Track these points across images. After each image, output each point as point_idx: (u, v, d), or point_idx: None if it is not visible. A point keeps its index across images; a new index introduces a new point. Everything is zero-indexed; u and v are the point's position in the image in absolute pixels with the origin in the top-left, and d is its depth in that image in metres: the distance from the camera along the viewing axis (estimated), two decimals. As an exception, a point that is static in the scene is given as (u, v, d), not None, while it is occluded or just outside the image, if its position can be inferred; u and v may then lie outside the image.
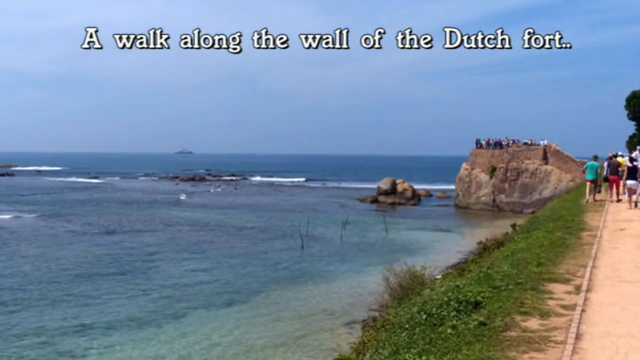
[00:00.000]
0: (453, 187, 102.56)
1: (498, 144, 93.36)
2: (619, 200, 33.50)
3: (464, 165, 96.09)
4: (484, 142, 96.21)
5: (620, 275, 14.85)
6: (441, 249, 55.30)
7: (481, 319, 11.13)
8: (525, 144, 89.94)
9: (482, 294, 12.92)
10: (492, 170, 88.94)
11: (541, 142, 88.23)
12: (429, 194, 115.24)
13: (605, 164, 35.59)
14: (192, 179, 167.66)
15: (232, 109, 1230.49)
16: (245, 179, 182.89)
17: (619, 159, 36.40)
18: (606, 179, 35.13)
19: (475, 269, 18.72)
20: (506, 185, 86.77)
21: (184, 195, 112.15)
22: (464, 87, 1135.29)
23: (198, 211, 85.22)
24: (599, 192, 36.00)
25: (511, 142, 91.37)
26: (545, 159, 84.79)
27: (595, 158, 35.87)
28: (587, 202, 33.45)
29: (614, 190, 34.28)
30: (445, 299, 13.30)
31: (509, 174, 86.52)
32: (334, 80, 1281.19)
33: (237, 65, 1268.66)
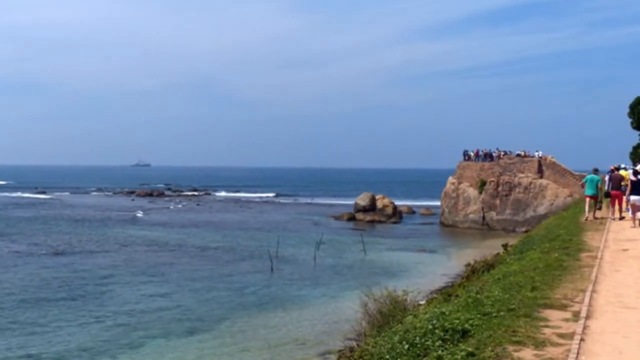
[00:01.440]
0: (438, 203, 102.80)
1: (488, 156, 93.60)
2: (621, 218, 33.09)
3: (451, 179, 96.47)
4: (472, 154, 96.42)
5: (623, 300, 14.81)
6: (425, 271, 55.28)
7: (469, 349, 10.99)
8: (518, 155, 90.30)
9: (470, 322, 12.81)
10: (482, 185, 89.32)
11: (536, 154, 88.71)
12: (411, 211, 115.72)
13: (607, 178, 35.29)
14: (150, 195, 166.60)
15: (194, 117, 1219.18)
16: (209, 194, 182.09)
17: (622, 172, 35.80)
18: (607, 195, 34.80)
19: (462, 293, 18.64)
20: (497, 201, 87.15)
21: (141, 212, 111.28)
22: (451, 91, 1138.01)
23: (156, 230, 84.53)
24: (600, 208, 35.75)
25: (502, 153, 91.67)
26: (540, 172, 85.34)
27: (596, 171, 35.63)
28: (586, 219, 33.20)
29: (616, 206, 33.87)
30: (430, 327, 13.16)
31: (500, 189, 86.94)
32: (305, 85, 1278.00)
33: (199, 69, 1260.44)
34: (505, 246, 31.55)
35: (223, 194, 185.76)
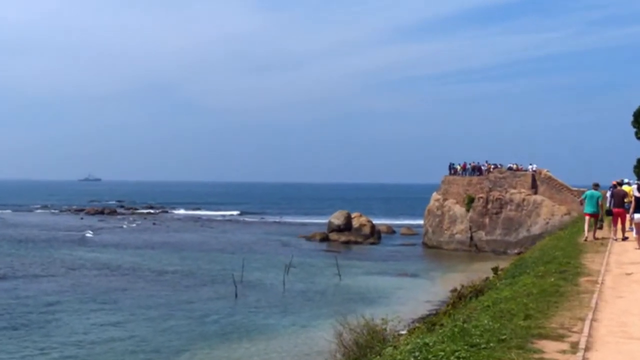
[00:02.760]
0: (421, 222, 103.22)
1: (476, 170, 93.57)
2: (625, 239, 32.69)
3: (435, 195, 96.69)
4: (459, 167, 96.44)
5: (626, 330, 14.70)
6: (406, 298, 55.27)
7: (456, 385, 10.83)
8: (510, 169, 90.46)
9: (456, 354, 12.62)
10: (469, 202, 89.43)
11: (529, 167, 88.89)
12: (391, 231, 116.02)
13: (608, 194, 35.01)
14: (101, 212, 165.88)
15: (151, 126, 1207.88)
16: (166, 212, 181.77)
17: (625, 188, 35.31)
18: (609, 212, 34.30)
19: (448, 322, 18.49)
20: (486, 220, 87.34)
21: (91, 232, 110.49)
22: (436, 98, 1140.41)
23: (108, 252, 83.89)
24: (601, 227, 35.51)
25: (492, 167, 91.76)
26: (534, 187, 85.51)
27: (596, 186, 35.27)
28: (585, 240, 32.81)
29: (619, 225, 33.27)
30: (412, 359, 13.00)
31: (489, 206, 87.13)
32: (273, 91, 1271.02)
33: (157, 72, 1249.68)
34: (495, 270, 31.43)
35: (182, 211, 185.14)
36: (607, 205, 34.67)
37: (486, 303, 19.52)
